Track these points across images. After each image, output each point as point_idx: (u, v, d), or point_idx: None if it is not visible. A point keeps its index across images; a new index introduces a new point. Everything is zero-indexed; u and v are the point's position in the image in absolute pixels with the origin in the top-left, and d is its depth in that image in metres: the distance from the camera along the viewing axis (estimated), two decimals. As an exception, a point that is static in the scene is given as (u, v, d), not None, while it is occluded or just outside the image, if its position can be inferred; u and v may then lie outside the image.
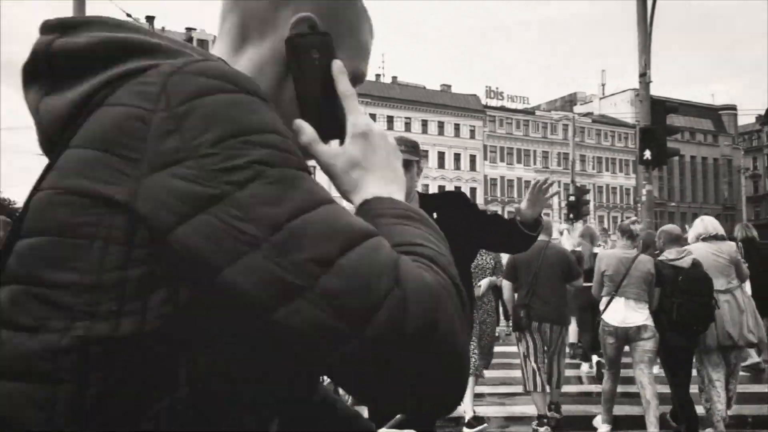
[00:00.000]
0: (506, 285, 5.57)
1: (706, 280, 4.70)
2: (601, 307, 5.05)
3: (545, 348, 5.31)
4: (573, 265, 5.54)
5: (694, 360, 4.87)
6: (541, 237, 4.01)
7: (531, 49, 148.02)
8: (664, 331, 4.79)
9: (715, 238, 5.04)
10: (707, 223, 5.16)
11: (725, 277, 4.82)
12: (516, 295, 5.49)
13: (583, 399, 6.55)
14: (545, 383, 5.27)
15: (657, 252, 5.26)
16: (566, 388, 6.07)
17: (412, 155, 2.58)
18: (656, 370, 5.58)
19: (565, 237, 8.63)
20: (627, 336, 4.87)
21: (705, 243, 5.00)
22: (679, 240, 5.14)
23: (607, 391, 5.22)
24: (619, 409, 5.73)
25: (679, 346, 4.77)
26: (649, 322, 4.84)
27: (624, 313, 4.85)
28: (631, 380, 6.93)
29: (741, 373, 6.32)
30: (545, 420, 5.25)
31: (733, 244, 5.28)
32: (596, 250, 7.58)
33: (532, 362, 5.23)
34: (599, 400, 5.46)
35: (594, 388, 6.76)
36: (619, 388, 6.50)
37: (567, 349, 5.56)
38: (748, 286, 5.86)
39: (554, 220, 58.83)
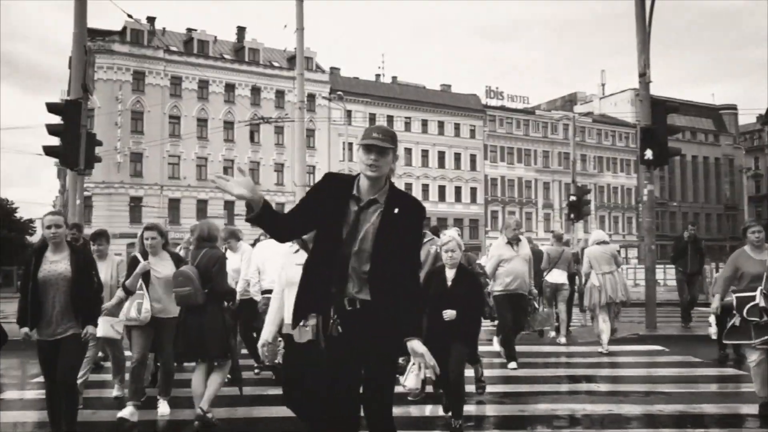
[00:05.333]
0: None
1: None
2: (545, 275, 9.87)
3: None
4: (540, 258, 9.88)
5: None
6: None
7: (531, 49, 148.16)
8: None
9: (603, 242, 9.26)
10: (598, 235, 9.53)
11: (608, 264, 8.91)
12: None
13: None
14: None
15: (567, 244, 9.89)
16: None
17: (388, 144, 2.79)
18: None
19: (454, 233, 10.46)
20: (557, 287, 9.84)
21: (598, 246, 9.14)
22: (561, 239, 10.63)
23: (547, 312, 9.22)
24: (617, 408, 5.78)
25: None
26: (567, 282, 9.97)
27: (557, 277, 9.88)
28: (628, 380, 6.93)
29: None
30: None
31: (615, 246, 10.17)
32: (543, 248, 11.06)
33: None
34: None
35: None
36: (622, 387, 6.59)
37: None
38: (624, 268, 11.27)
39: (555, 220, 58.78)
